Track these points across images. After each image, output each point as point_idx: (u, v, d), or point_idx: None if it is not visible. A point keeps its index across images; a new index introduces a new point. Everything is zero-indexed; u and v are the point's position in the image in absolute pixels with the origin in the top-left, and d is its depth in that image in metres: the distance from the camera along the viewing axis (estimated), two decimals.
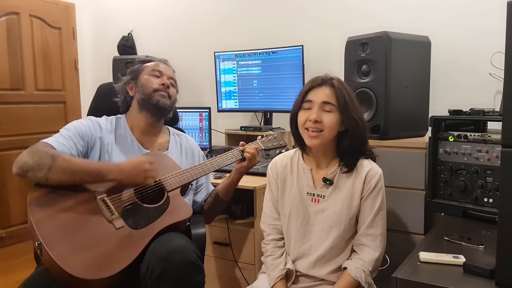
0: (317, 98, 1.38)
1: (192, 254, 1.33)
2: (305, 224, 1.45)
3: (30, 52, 3.38)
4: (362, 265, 1.38)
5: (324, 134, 1.37)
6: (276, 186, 1.52)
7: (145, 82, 1.65)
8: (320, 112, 1.37)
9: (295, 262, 1.47)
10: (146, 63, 1.72)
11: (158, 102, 1.62)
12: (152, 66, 1.70)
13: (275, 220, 1.53)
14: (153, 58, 1.75)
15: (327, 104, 1.37)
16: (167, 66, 1.73)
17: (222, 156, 1.66)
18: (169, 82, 1.67)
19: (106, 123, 1.63)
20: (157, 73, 1.67)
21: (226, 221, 2.17)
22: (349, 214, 1.41)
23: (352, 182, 1.42)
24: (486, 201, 1.57)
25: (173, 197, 1.49)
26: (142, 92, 1.64)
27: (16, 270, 2.71)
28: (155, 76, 1.67)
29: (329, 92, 1.38)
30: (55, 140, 1.46)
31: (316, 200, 1.44)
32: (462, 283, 1.10)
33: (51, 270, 1.26)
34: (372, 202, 1.41)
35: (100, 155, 1.56)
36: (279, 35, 2.82)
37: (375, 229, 1.41)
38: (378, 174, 1.42)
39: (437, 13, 2.31)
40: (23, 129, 3.31)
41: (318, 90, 1.40)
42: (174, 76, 1.75)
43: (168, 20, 3.35)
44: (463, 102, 1.88)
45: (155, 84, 1.64)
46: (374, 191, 1.41)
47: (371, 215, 1.40)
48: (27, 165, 1.34)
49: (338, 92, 1.38)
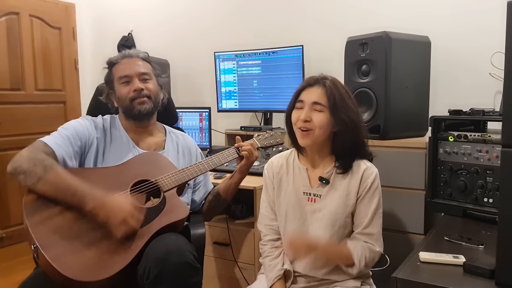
0: (308, 98, 1.39)
1: (189, 255, 1.33)
2: (302, 223, 1.45)
3: (30, 52, 3.38)
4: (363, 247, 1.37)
5: (314, 133, 1.37)
6: (272, 187, 1.51)
7: (120, 95, 1.61)
8: (310, 112, 1.37)
9: (293, 262, 1.47)
10: (113, 65, 1.64)
11: (139, 111, 1.60)
12: (119, 72, 1.62)
13: (271, 221, 1.52)
14: (118, 56, 1.66)
15: (318, 104, 1.37)
16: (132, 61, 1.63)
17: (219, 155, 1.65)
18: (141, 86, 1.59)
19: (102, 123, 1.63)
20: (125, 79, 1.60)
21: (226, 221, 2.17)
22: (345, 213, 1.41)
23: (348, 181, 1.42)
24: (486, 201, 1.57)
25: (170, 197, 1.49)
26: (121, 105, 1.62)
27: (16, 271, 2.70)
28: (125, 83, 1.60)
29: (320, 92, 1.38)
30: (53, 141, 1.46)
31: (313, 200, 1.44)
32: (462, 283, 1.10)
33: (48, 272, 1.25)
34: (368, 201, 1.41)
35: (97, 155, 1.55)
36: (279, 35, 2.82)
37: (372, 228, 1.40)
38: (374, 174, 1.42)
39: (437, 13, 2.31)
40: (23, 129, 3.31)
41: (310, 90, 1.40)
42: (145, 66, 1.64)
43: (168, 20, 3.35)
44: (463, 102, 1.88)
45: (129, 93, 1.58)
46: (370, 190, 1.41)
47: (368, 214, 1.40)
48: (21, 168, 1.35)
49: (329, 91, 1.37)
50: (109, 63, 1.67)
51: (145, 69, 1.64)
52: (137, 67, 1.62)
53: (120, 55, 1.67)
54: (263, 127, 2.69)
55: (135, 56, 1.66)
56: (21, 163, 1.36)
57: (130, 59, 1.64)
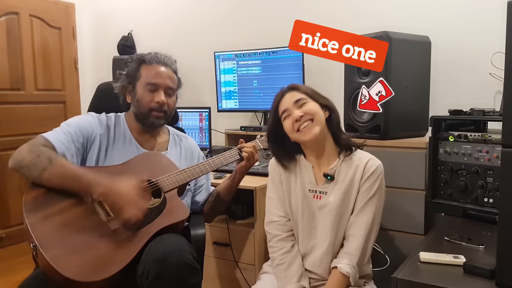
0: (288, 103, 1.45)
1: (188, 256, 1.32)
2: (310, 220, 1.45)
3: (30, 52, 3.38)
4: (350, 259, 1.37)
5: (316, 119, 1.41)
6: (280, 182, 1.51)
7: (140, 98, 1.58)
8: (298, 110, 1.43)
9: (303, 259, 1.47)
10: (144, 64, 1.60)
11: (153, 123, 1.60)
12: (149, 77, 1.58)
13: (280, 217, 1.50)
14: (152, 58, 1.61)
15: (300, 100, 1.44)
16: (166, 71, 1.61)
17: (220, 156, 1.65)
18: (165, 100, 1.58)
19: (106, 120, 1.62)
20: (153, 87, 1.57)
21: (226, 222, 2.17)
22: (349, 207, 1.42)
23: (353, 174, 1.43)
24: (486, 201, 1.57)
25: (170, 198, 1.48)
26: (138, 108, 1.59)
27: (15, 271, 2.70)
28: (151, 91, 1.57)
29: (294, 93, 1.47)
30: (55, 137, 1.45)
31: (318, 197, 1.45)
32: (462, 284, 1.10)
33: (47, 272, 1.25)
34: (366, 189, 1.41)
35: (99, 152, 1.54)
36: (279, 35, 2.81)
37: (364, 217, 1.40)
38: (377, 164, 1.44)
39: (437, 12, 2.31)
40: (23, 129, 3.30)
41: (285, 98, 1.47)
42: (174, 80, 1.63)
43: (168, 20, 3.35)
44: (463, 102, 1.88)
45: (151, 103, 1.57)
46: (371, 178, 1.41)
47: (362, 202, 1.41)
48: (24, 161, 1.35)
49: (301, 89, 1.48)
50: (140, 59, 1.61)
51: (173, 84, 1.63)
52: (168, 80, 1.60)
53: (154, 57, 1.61)
54: (263, 127, 2.68)
55: (169, 65, 1.63)
56: (23, 157, 1.36)
57: (165, 68, 1.61)
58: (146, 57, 1.61)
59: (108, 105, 1.71)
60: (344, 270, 1.36)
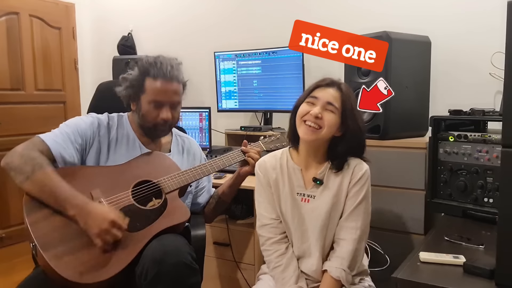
0: (323, 96, 1.39)
1: (187, 256, 1.32)
2: (301, 223, 1.44)
3: (30, 52, 3.38)
4: (341, 263, 1.37)
5: (322, 132, 1.37)
6: (268, 185, 1.49)
7: (145, 113, 1.54)
8: (322, 110, 1.37)
9: (299, 262, 1.46)
10: (148, 77, 1.53)
11: (158, 135, 1.62)
12: (154, 94, 1.52)
13: (272, 220, 1.48)
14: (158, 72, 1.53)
15: (331, 105, 1.38)
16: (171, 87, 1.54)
17: (223, 157, 1.64)
18: (170, 116, 1.54)
19: (108, 121, 1.60)
20: (157, 104, 1.53)
21: (226, 222, 2.17)
22: (338, 211, 1.41)
23: (341, 179, 1.42)
24: (486, 201, 1.57)
25: (171, 199, 1.48)
26: (143, 121, 1.57)
27: (15, 270, 2.70)
28: (156, 107, 1.53)
29: (335, 95, 1.39)
30: (51, 138, 1.45)
31: (306, 200, 1.44)
32: (462, 284, 1.10)
33: (46, 271, 1.25)
34: (355, 194, 1.41)
35: (99, 153, 1.54)
36: (279, 35, 2.81)
37: (353, 222, 1.39)
38: (364, 169, 1.43)
39: (437, 12, 2.31)
40: (23, 129, 3.30)
41: (326, 90, 1.40)
42: (179, 92, 1.57)
43: (168, 20, 3.35)
44: (463, 102, 1.88)
45: (156, 119, 1.54)
46: (358, 183, 1.40)
47: (352, 207, 1.40)
48: (13, 164, 1.36)
49: (344, 96, 1.39)
50: (145, 70, 1.54)
51: (179, 97, 1.59)
52: (173, 95, 1.55)
53: (160, 71, 1.52)
54: (263, 127, 2.68)
55: (174, 80, 1.55)
56: (14, 160, 1.36)
57: (170, 84, 1.54)
58: (150, 71, 1.53)
59: (108, 105, 1.71)
60: (335, 274, 1.35)
